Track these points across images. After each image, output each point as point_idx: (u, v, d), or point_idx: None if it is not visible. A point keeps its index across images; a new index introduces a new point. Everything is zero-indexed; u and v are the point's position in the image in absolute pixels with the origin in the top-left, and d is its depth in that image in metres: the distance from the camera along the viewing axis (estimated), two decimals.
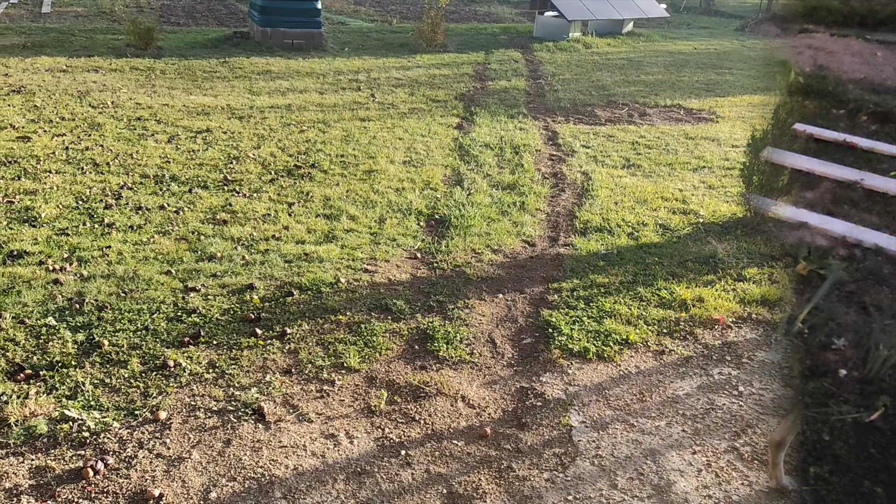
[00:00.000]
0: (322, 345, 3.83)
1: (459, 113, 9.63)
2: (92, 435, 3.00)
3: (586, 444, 3.15)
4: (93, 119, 8.03)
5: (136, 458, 2.88)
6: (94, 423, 3.05)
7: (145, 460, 2.87)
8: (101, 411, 3.15)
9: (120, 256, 4.72)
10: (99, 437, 2.99)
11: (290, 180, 6.55)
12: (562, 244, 5.51)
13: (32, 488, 2.69)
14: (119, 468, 2.82)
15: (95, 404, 3.20)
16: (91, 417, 3.09)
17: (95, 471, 2.78)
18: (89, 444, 2.95)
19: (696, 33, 20.67)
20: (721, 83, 12.64)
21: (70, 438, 2.97)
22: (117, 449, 2.93)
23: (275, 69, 11.54)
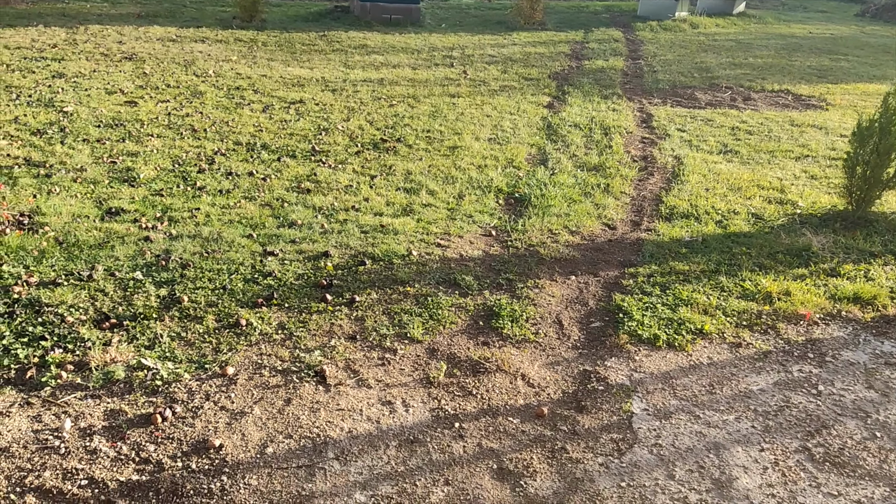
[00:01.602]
0: (388, 314, 3.87)
1: (551, 92, 9.47)
2: (164, 384, 3.15)
3: (646, 433, 3.06)
4: (195, 87, 8.38)
5: (201, 408, 3.01)
6: (167, 373, 3.21)
7: (210, 412, 3.00)
8: (175, 362, 3.31)
9: (207, 218, 4.92)
10: (170, 386, 3.14)
11: (375, 153, 6.63)
12: (644, 229, 5.34)
13: (105, 429, 2.86)
14: (185, 417, 2.95)
15: (170, 355, 3.36)
16: (165, 367, 3.25)
17: (164, 417, 2.92)
18: (161, 393, 3.10)
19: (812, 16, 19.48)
20: (834, 70, 11.88)
21: (144, 385, 3.13)
22: (186, 399, 3.07)
23: (371, 43, 11.68)
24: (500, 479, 2.75)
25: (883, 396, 3.38)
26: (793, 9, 20.82)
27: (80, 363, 3.24)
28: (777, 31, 15.99)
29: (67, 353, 3.31)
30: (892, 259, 4.85)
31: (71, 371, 3.19)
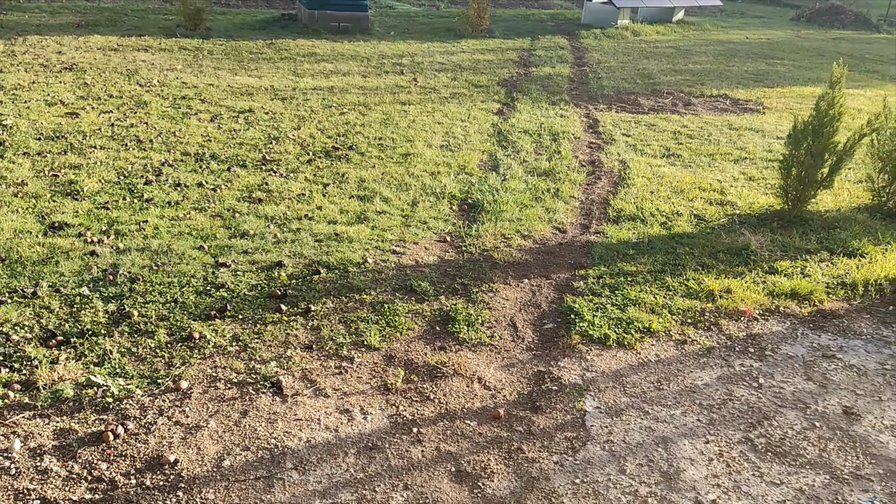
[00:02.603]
0: (344, 322, 3.89)
1: (501, 98, 9.59)
2: (115, 401, 3.11)
3: (598, 430, 3.15)
4: (139, 97, 8.24)
5: (155, 424, 2.99)
6: (117, 390, 3.17)
7: (164, 427, 2.97)
8: (126, 378, 3.27)
9: (156, 231, 4.86)
10: (122, 402, 3.10)
11: (327, 161, 6.62)
12: (593, 231, 5.47)
13: (55, 449, 2.81)
14: (138, 433, 2.92)
15: (121, 372, 3.31)
16: (115, 384, 3.21)
17: (115, 435, 2.88)
18: (112, 410, 3.06)
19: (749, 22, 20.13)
20: (771, 74, 12.32)
21: (94, 403, 3.09)
22: (138, 415, 3.04)
23: (320, 51, 11.64)
24: (459, 482, 2.80)
25: (821, 388, 3.54)
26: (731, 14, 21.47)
27: (27, 382, 3.17)
28: (715, 38, 16.48)
29: (13, 372, 3.24)
30: (826, 256, 5.07)
31: (18, 390, 3.12)
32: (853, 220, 5.71)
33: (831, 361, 3.78)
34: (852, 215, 5.81)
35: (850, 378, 3.63)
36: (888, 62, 14.46)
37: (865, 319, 4.25)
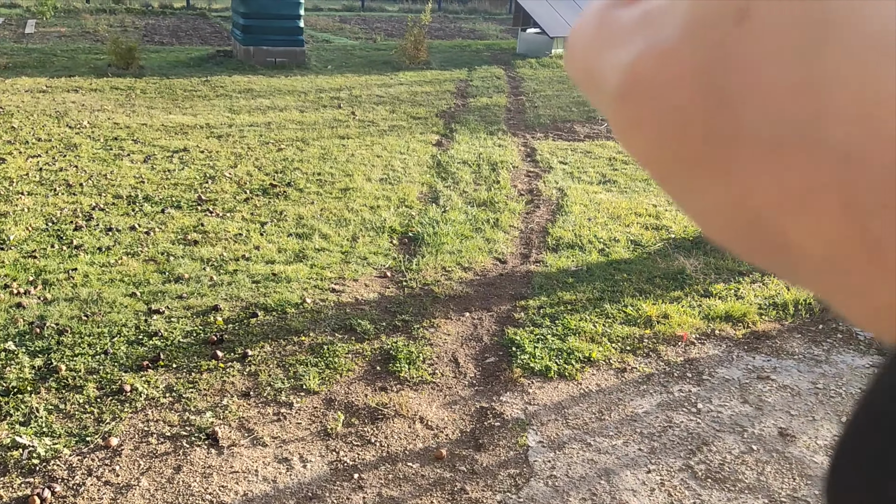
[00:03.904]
0: (283, 367, 3.82)
1: (439, 130, 9.66)
2: (42, 462, 2.98)
3: (542, 465, 3.14)
4: (69, 140, 8.03)
5: (83, 485, 2.86)
6: (44, 450, 3.03)
7: (93, 488, 2.85)
8: (53, 438, 3.13)
9: (85, 279, 4.70)
10: (49, 464, 2.97)
11: (265, 199, 6.55)
12: (533, 261, 5.52)
13: None
14: (66, 496, 2.80)
15: (48, 430, 3.17)
16: (42, 444, 3.07)
17: (42, 499, 2.75)
18: (38, 472, 2.92)
19: None
20: None
21: (20, 465, 2.95)
22: (66, 476, 2.91)
23: (256, 87, 11.57)
24: None
25: (757, 410, 3.61)
26: None
27: None
28: None
29: None
30: (759, 276, 5.22)
31: None
32: None
33: (766, 383, 3.87)
34: None
35: (784, 399, 3.72)
36: None
37: (797, 339, 4.38)
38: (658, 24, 0.21)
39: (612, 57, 0.23)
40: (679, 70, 0.20)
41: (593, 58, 0.24)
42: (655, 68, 0.21)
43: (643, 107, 0.21)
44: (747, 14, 0.19)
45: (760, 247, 0.21)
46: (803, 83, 0.18)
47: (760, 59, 0.19)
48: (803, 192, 0.19)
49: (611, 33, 0.23)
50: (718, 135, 0.20)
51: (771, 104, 0.19)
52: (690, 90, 0.20)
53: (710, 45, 0.20)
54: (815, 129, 0.18)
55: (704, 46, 0.20)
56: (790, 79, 0.18)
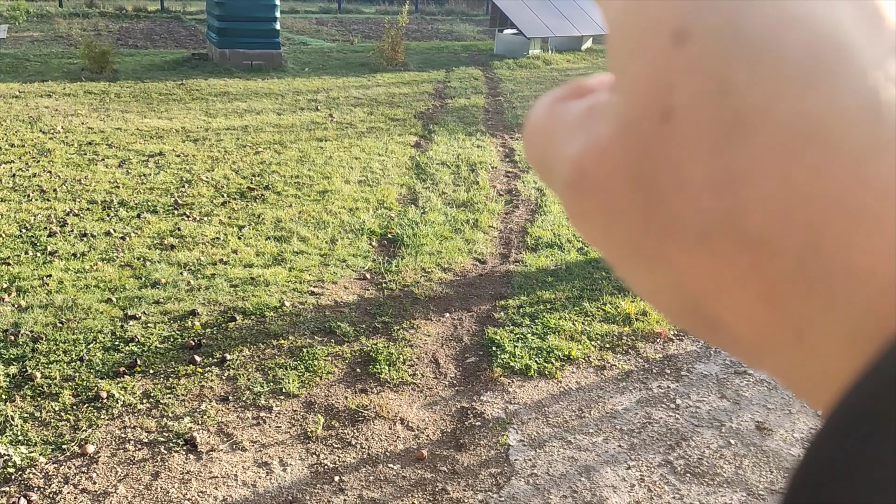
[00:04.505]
0: (262, 370, 3.79)
1: (418, 131, 9.66)
2: (17, 470, 2.93)
3: (523, 463, 3.15)
4: (42, 145, 7.92)
5: (60, 493, 2.82)
6: (20, 459, 2.99)
7: (70, 496, 2.81)
8: (29, 446, 3.09)
9: (60, 285, 4.64)
10: (24, 472, 2.93)
11: (243, 203, 6.51)
12: (512, 261, 5.53)
13: None
14: None
15: (23, 439, 3.13)
16: (18, 452, 3.02)
17: None
18: (14, 481, 2.88)
19: None
20: None
21: None
22: (42, 485, 2.87)
23: (233, 90, 11.49)
24: None
25: (734, 404, 3.65)
26: None
27: None
28: None
29: None
30: None
31: None
32: None
33: (743, 377, 3.91)
34: None
35: (761, 393, 3.76)
36: None
37: None
38: (598, 121, 0.22)
39: (560, 150, 0.24)
40: (615, 166, 0.21)
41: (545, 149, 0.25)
42: (595, 163, 0.22)
43: (587, 199, 0.22)
44: (672, 114, 0.20)
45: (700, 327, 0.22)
46: (723, 178, 0.19)
47: (684, 157, 0.20)
48: (729, 281, 0.20)
49: (560, 126, 0.24)
50: (654, 227, 0.21)
51: (696, 198, 0.20)
52: (626, 185, 0.21)
53: (640, 143, 0.21)
54: (735, 221, 0.19)
55: (635, 144, 0.21)
56: (711, 174, 0.19)
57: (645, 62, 0.21)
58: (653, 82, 0.20)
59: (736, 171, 0.19)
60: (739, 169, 0.19)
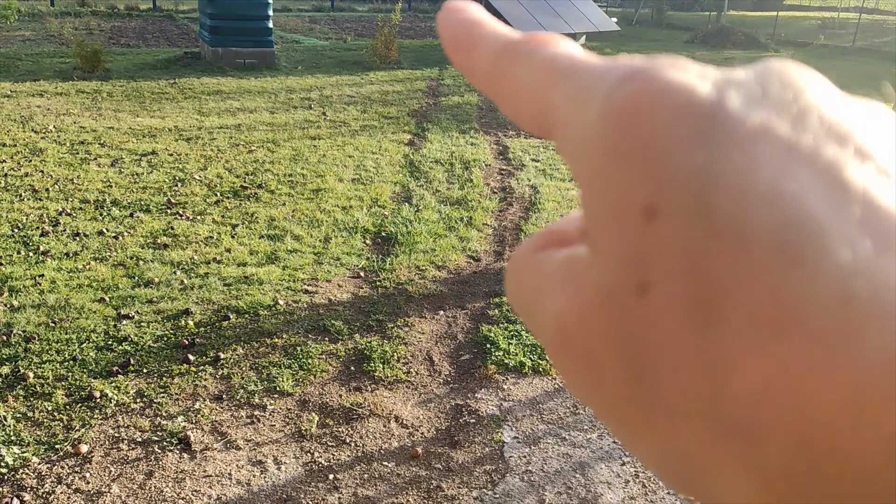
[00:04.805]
0: (256, 369, 3.79)
1: (411, 129, 9.65)
2: (10, 471, 2.92)
3: (517, 460, 3.16)
4: (34, 144, 7.89)
5: (53, 494, 2.81)
6: (12, 459, 2.97)
7: (63, 496, 2.80)
8: (21, 446, 3.07)
9: (53, 285, 4.62)
10: (17, 472, 2.92)
11: (236, 201, 6.49)
12: (507, 258, 5.53)
13: None
14: None
15: (16, 439, 3.12)
16: (10, 453, 3.01)
17: None
18: (6, 481, 2.87)
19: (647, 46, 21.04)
20: None
21: None
22: (35, 485, 2.86)
23: (225, 89, 11.46)
24: None
25: None
26: (630, 39, 22.39)
27: None
28: None
29: None
30: None
31: None
32: None
33: None
34: None
35: None
36: None
37: None
38: (578, 279, 0.22)
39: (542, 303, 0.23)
40: (596, 331, 0.21)
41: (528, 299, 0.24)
42: (576, 325, 0.21)
43: (570, 361, 0.22)
44: (648, 288, 0.19)
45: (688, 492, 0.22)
46: (702, 361, 0.19)
47: (662, 334, 0.19)
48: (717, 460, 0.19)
49: (540, 277, 0.24)
50: (638, 396, 0.20)
51: (676, 377, 0.19)
52: (608, 352, 0.21)
53: (619, 313, 0.20)
54: (717, 406, 0.19)
55: (615, 313, 0.20)
56: (689, 355, 0.19)
57: (618, 232, 0.20)
58: (627, 253, 0.20)
59: (713, 356, 0.18)
60: (717, 353, 0.18)
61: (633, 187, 0.20)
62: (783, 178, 0.19)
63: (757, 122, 0.20)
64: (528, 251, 0.25)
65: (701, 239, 0.19)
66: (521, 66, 0.25)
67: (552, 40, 0.25)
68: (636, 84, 0.21)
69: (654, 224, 0.19)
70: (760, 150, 0.19)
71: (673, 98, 0.20)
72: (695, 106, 0.20)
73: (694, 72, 0.21)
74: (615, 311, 0.20)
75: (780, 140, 0.19)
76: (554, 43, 0.25)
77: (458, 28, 0.28)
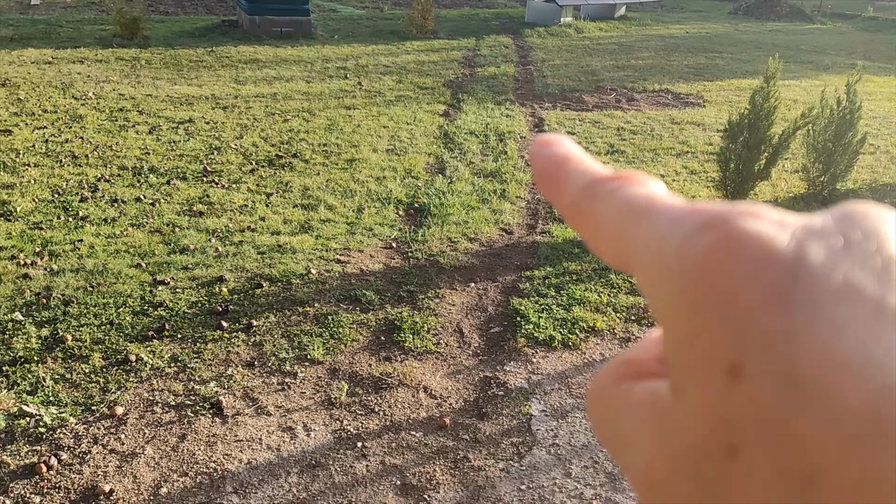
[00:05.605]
0: (287, 337, 3.83)
1: (446, 100, 9.58)
2: (48, 430, 3.01)
3: (544, 433, 3.15)
4: (75, 111, 8.01)
5: (89, 453, 2.89)
6: (50, 419, 3.06)
7: (98, 456, 2.88)
8: (60, 407, 3.16)
9: (91, 250, 4.72)
10: (55, 432, 3.00)
11: (271, 170, 6.53)
12: (539, 231, 5.49)
13: None
14: (72, 464, 2.83)
15: (54, 400, 3.20)
16: (49, 413, 3.10)
17: (49, 466, 2.78)
18: (45, 440, 2.95)
19: (688, 16, 20.52)
20: (710, 67, 12.56)
21: (27, 434, 2.98)
22: (72, 444, 2.94)
23: (262, 57, 11.48)
24: (404, 495, 2.77)
25: None
26: (671, 10, 21.85)
27: None
28: (657, 33, 16.74)
29: None
30: None
31: None
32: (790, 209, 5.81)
33: None
34: (789, 205, 5.95)
35: None
36: (822, 52, 14.89)
37: None
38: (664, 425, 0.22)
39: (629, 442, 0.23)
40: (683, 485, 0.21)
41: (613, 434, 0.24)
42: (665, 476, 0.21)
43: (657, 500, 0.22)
44: (736, 452, 0.19)
45: None
46: None
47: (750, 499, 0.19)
48: None
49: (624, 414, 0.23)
50: None
51: None
52: None
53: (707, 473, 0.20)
54: None
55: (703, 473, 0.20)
56: None
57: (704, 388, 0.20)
58: (714, 413, 0.20)
59: None
60: None
61: (716, 345, 0.20)
62: (872, 342, 0.18)
63: (840, 280, 0.19)
64: (609, 381, 0.25)
65: (790, 406, 0.18)
66: (602, 205, 0.25)
67: (635, 179, 0.25)
68: (713, 235, 0.20)
69: (740, 385, 0.19)
70: (846, 312, 0.19)
71: (752, 251, 0.20)
72: (775, 261, 0.19)
73: (772, 221, 0.21)
74: (704, 470, 0.20)
75: (867, 299, 0.19)
76: (637, 181, 0.25)
77: (546, 162, 0.28)
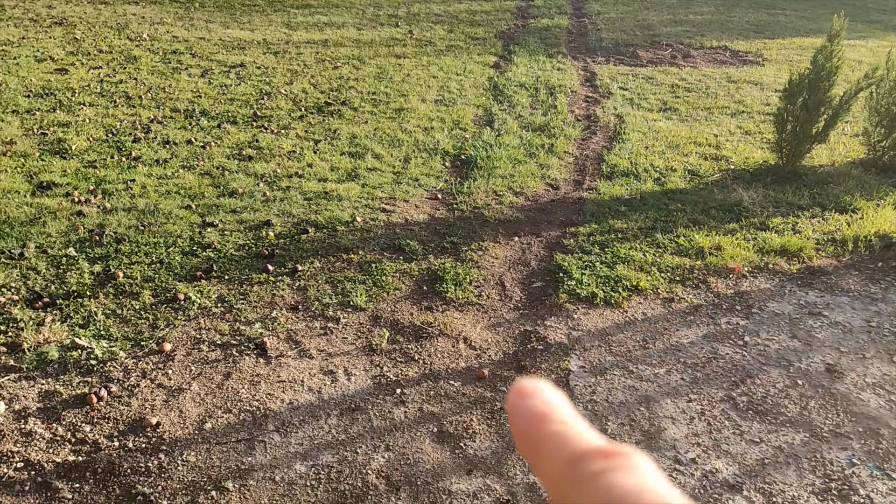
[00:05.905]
0: (331, 283, 3.88)
1: (497, 51, 9.42)
2: (99, 363, 3.12)
3: (582, 389, 3.16)
4: (129, 52, 8.11)
5: (138, 387, 3.00)
6: (101, 352, 3.18)
7: (147, 389, 2.99)
8: (110, 341, 3.28)
9: (143, 190, 4.82)
10: (105, 365, 3.12)
11: (319, 117, 6.54)
12: (586, 188, 5.41)
13: (40, 411, 2.83)
14: (121, 396, 2.94)
15: (105, 334, 3.32)
16: (100, 346, 3.22)
17: (99, 397, 2.90)
18: (96, 372, 3.07)
19: None
20: (772, 24, 12.04)
21: (78, 365, 3.10)
22: (121, 377, 3.05)
23: (314, 3, 11.42)
24: (441, 442, 2.82)
25: (805, 345, 3.53)
26: None
27: (13, 344, 3.19)
28: None
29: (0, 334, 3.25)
30: (819, 211, 5.02)
31: (3, 353, 3.14)
32: (847, 174, 5.64)
33: (817, 318, 3.77)
34: (846, 170, 5.74)
35: (834, 335, 3.62)
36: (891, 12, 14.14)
37: (854, 276, 4.22)
38: None
39: None
40: None
41: None
42: None
43: None
44: None
45: None
46: None
47: None
48: None
49: None
50: None
51: None
52: None
53: None
54: None
55: None
56: None
57: None
58: None
59: None
60: None
61: None
62: None
63: None
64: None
65: None
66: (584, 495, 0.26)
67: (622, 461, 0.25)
68: None
69: None
70: None
71: None
72: None
73: None
74: None
75: None
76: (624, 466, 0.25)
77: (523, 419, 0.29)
